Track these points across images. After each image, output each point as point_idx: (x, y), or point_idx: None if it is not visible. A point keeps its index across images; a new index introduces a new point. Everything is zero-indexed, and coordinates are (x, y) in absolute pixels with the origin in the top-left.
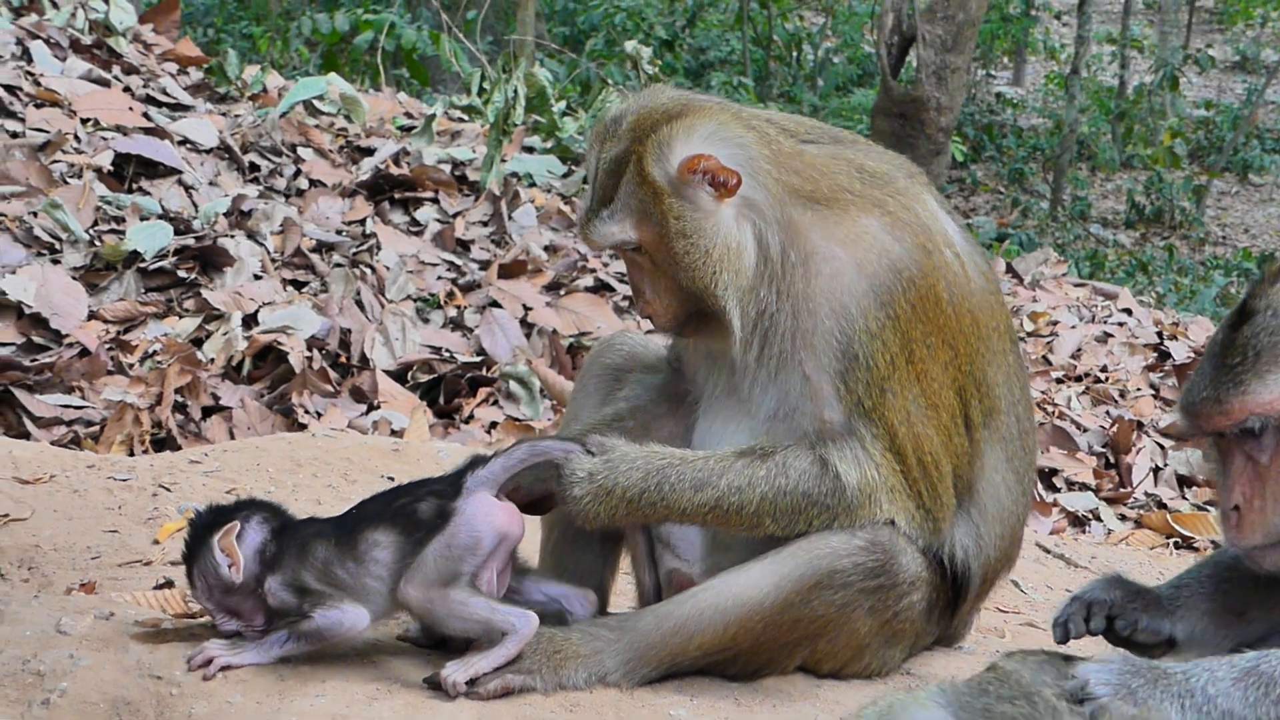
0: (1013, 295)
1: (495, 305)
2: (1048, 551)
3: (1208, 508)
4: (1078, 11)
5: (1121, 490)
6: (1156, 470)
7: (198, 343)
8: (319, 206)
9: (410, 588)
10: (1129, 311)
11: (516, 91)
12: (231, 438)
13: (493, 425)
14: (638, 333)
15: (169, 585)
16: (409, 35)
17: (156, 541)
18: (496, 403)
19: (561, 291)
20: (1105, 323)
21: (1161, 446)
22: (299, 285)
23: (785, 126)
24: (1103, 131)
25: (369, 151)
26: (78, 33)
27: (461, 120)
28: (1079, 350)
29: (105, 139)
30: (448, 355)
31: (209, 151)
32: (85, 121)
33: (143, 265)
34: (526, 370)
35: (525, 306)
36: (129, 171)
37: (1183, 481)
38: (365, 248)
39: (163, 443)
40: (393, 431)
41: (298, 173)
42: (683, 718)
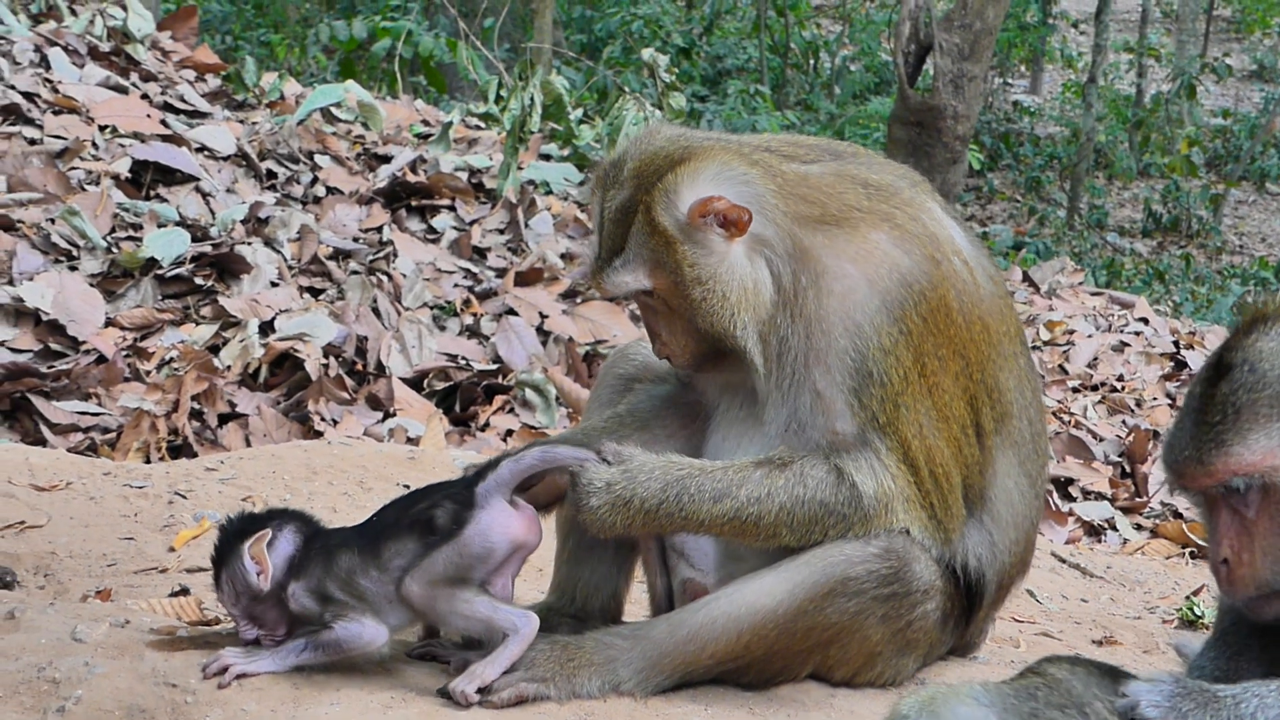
0: (1029, 304)
1: (511, 313)
2: (1063, 561)
3: None
4: (1095, 20)
5: (1137, 500)
6: None
7: (214, 350)
8: (336, 214)
9: (414, 584)
10: (1145, 320)
11: (533, 99)
12: (248, 445)
13: (509, 433)
14: None
15: (185, 592)
16: (426, 43)
17: (172, 549)
18: (512, 410)
19: (578, 299)
20: (1122, 332)
21: None
22: (315, 293)
23: (785, 153)
24: (1120, 140)
25: (386, 159)
26: (96, 40)
27: (478, 128)
28: (1095, 359)
29: (123, 146)
30: (464, 363)
31: (226, 159)
32: (103, 128)
33: (160, 272)
34: (542, 378)
35: (541, 314)
36: (146, 178)
37: None
38: (382, 255)
39: (179, 450)
40: (409, 439)
41: (315, 180)
42: None
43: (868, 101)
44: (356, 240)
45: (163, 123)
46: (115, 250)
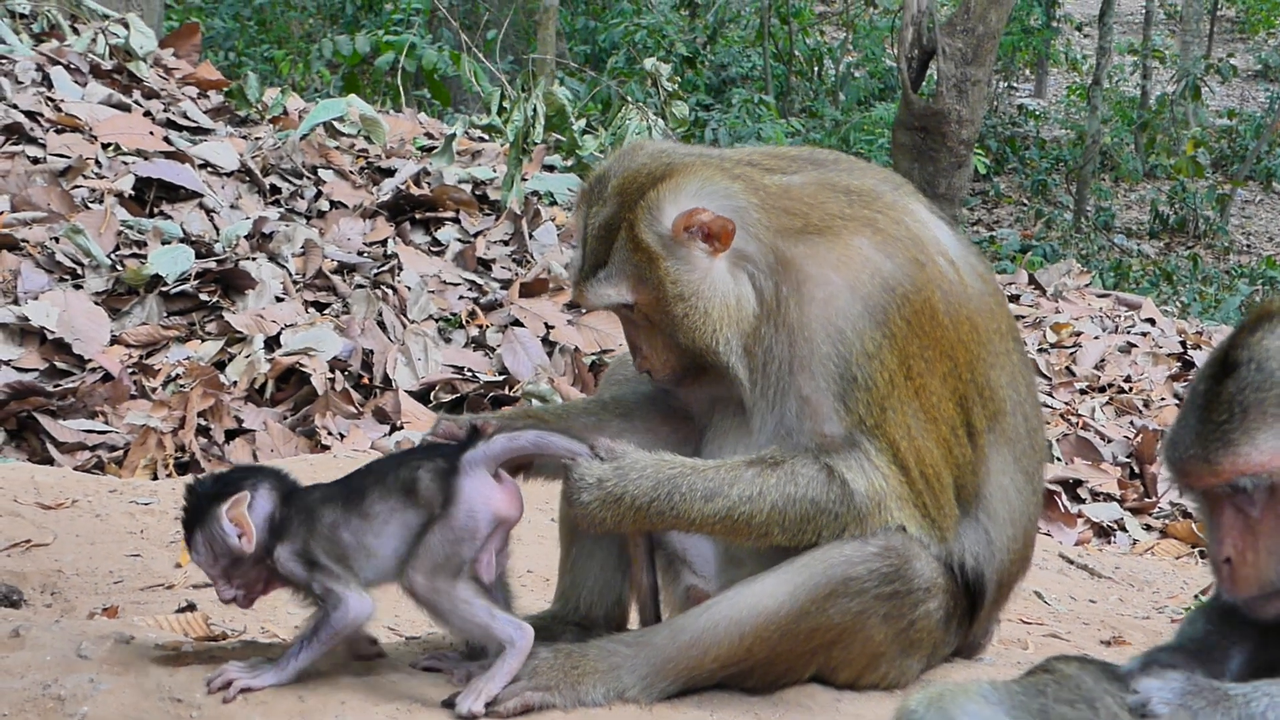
0: (1035, 306)
1: (517, 324)
2: (1071, 563)
3: None
4: (1099, 22)
5: (1146, 500)
6: None
7: (220, 366)
8: (340, 228)
9: (417, 575)
10: (1152, 321)
11: (536, 110)
12: (255, 460)
13: None
14: None
15: (191, 609)
16: (429, 56)
17: (179, 565)
18: None
19: (583, 310)
20: (1129, 333)
21: None
22: (321, 307)
23: (767, 166)
24: (1125, 142)
25: (390, 172)
26: (98, 58)
27: (482, 140)
28: (1103, 361)
29: (126, 163)
30: (470, 375)
31: (230, 174)
32: (106, 146)
33: (165, 289)
34: (549, 389)
35: (547, 325)
36: (150, 196)
37: None
38: (387, 268)
39: (186, 466)
40: None
41: (319, 194)
42: None
43: (872, 107)
44: (361, 254)
45: (166, 140)
46: (120, 268)
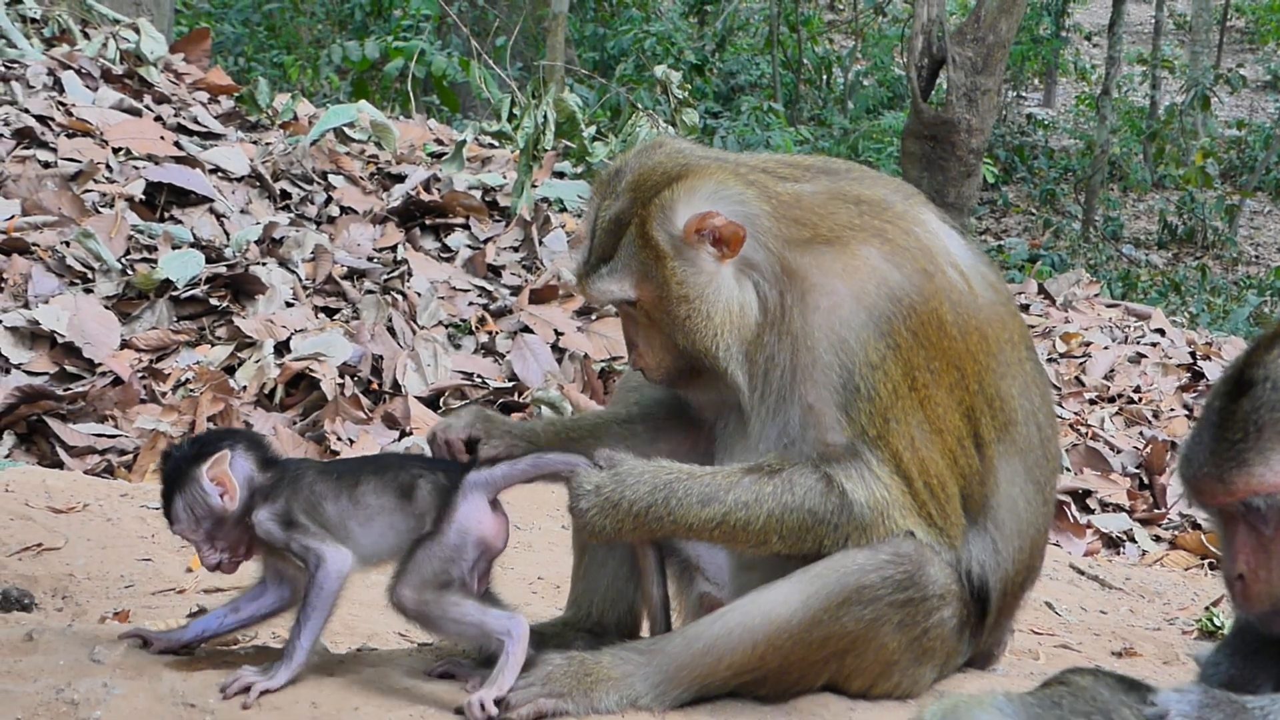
0: (1045, 316)
1: (527, 330)
2: (1082, 573)
3: None
4: (1108, 32)
5: (1156, 511)
6: None
7: (230, 370)
8: (350, 233)
9: (405, 589)
10: (1162, 332)
11: (546, 117)
12: None
13: None
14: None
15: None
16: (439, 62)
17: (190, 569)
18: None
19: (593, 316)
20: (1138, 343)
21: None
22: (331, 312)
23: (780, 173)
24: (1134, 152)
25: (400, 178)
26: (109, 63)
27: (492, 146)
28: (1112, 371)
29: (137, 168)
30: (480, 381)
31: (240, 180)
32: (117, 151)
33: (175, 294)
34: (558, 395)
35: (557, 331)
36: (160, 200)
37: None
38: (396, 274)
39: None
40: None
41: (329, 200)
42: None
43: (881, 116)
44: (371, 259)
45: (176, 144)
46: (130, 272)
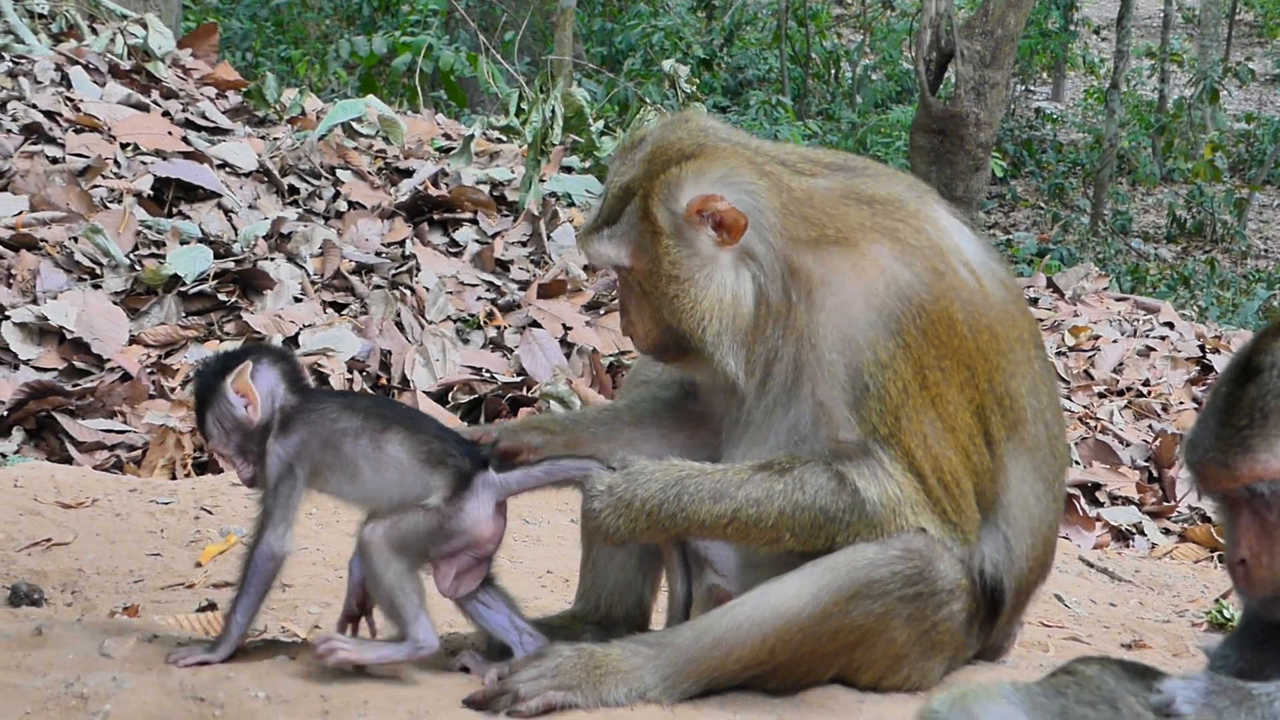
0: (1054, 310)
1: (535, 325)
2: (1091, 566)
3: None
4: (1117, 26)
5: (1165, 504)
6: None
7: None
8: (358, 228)
9: (379, 531)
10: (1171, 325)
11: (554, 111)
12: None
13: None
14: None
15: (212, 608)
16: (447, 57)
17: (199, 564)
18: None
19: (601, 311)
20: (1147, 337)
21: None
22: (339, 307)
23: (798, 167)
24: (1143, 146)
25: (407, 173)
26: (116, 58)
27: (500, 141)
28: (1121, 364)
29: (145, 163)
30: (488, 376)
31: (248, 175)
32: (125, 146)
33: (183, 289)
34: (567, 390)
35: (565, 326)
36: (169, 196)
37: None
38: (405, 269)
39: (204, 466)
40: None
41: (336, 195)
42: None
43: (889, 110)
44: (379, 254)
45: (184, 140)
46: (138, 268)
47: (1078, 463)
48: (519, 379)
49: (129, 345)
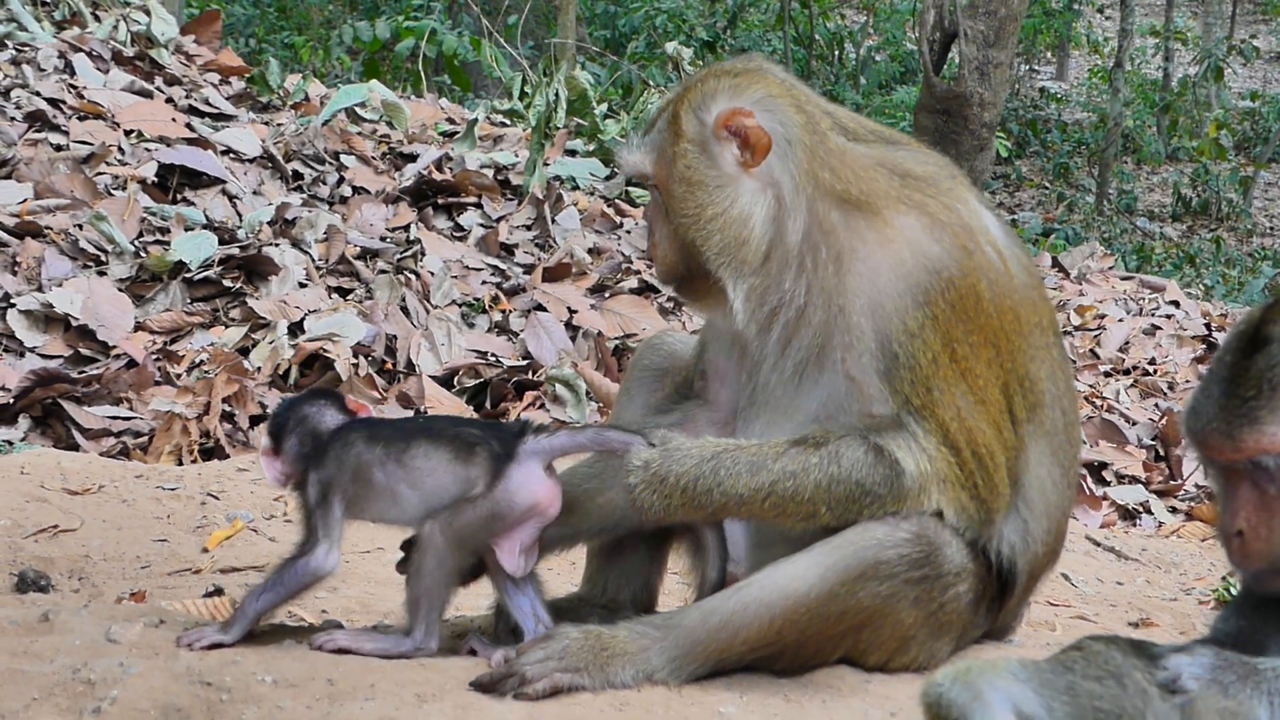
0: (1059, 289)
1: (540, 309)
2: (1098, 545)
3: None
4: (1120, 4)
5: (1172, 483)
6: None
7: (244, 352)
8: (363, 213)
9: (437, 529)
10: (1177, 304)
11: (558, 95)
12: None
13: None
14: (680, 331)
15: (219, 593)
16: (450, 41)
17: (205, 550)
18: (543, 406)
19: (606, 294)
20: (1153, 315)
21: None
22: (344, 292)
23: (844, 124)
24: (1147, 124)
25: (412, 158)
26: (120, 45)
27: (503, 125)
28: (1127, 343)
29: (149, 150)
30: (493, 359)
31: (252, 161)
32: (129, 133)
33: (188, 275)
34: (572, 373)
35: (570, 309)
36: (173, 182)
37: None
38: (409, 254)
39: (211, 452)
40: None
41: (341, 180)
42: (732, 715)
43: (893, 91)
44: (384, 239)
45: (188, 126)
46: (143, 254)
47: (1084, 442)
48: (524, 363)
49: (134, 332)
